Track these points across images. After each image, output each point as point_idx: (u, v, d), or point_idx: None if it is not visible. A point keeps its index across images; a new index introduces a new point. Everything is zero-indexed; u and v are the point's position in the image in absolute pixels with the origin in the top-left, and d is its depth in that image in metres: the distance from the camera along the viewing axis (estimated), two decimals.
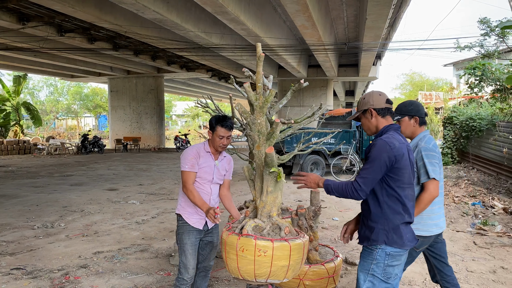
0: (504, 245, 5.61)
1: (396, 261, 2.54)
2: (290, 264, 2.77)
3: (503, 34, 10.80)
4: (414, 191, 2.62)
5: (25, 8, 12.17)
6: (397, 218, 2.51)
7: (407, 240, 2.54)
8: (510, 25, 5.72)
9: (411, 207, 2.57)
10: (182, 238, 3.29)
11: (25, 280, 4.41)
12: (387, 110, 2.65)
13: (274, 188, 2.98)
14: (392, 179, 2.50)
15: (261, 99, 3.03)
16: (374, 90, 2.80)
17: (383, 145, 2.47)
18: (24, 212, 7.72)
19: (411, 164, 2.57)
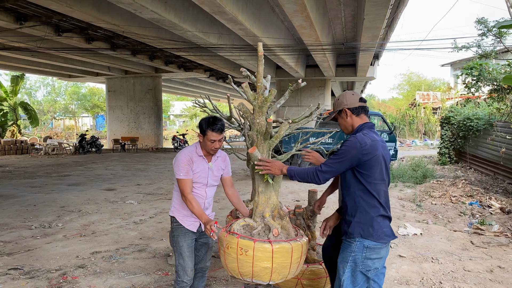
0: (501, 245, 5.63)
1: (375, 254, 2.59)
2: (274, 267, 2.76)
3: (500, 34, 10.82)
4: (386, 187, 2.68)
5: (22, 7, 12.14)
6: (372, 211, 2.59)
7: (384, 234, 2.59)
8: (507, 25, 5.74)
9: (385, 202, 2.64)
10: (178, 241, 3.24)
11: (23, 280, 4.40)
12: (361, 109, 2.74)
13: (265, 188, 2.98)
14: (364, 175, 2.59)
15: (260, 99, 3.03)
16: (347, 91, 2.88)
17: (354, 143, 2.57)
18: (21, 212, 7.70)
19: (384, 161, 2.64)
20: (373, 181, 2.59)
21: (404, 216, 7.35)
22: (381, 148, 2.62)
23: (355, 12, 14.30)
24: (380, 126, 14.56)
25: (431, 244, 5.62)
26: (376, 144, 2.60)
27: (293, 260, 2.79)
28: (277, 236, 2.86)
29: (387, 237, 2.61)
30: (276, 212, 3.01)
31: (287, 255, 2.76)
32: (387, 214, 2.65)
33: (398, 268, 4.71)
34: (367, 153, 2.56)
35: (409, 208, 8.06)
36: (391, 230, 2.66)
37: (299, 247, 2.82)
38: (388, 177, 2.70)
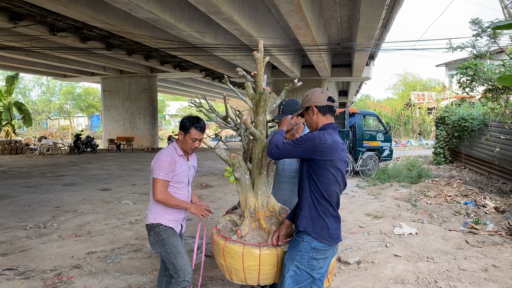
0: (496, 244, 5.66)
1: (321, 255, 2.61)
2: (226, 265, 2.80)
3: (494, 34, 10.88)
4: (339, 190, 2.66)
5: (17, 7, 12.07)
6: (320, 209, 2.59)
7: (329, 236, 2.59)
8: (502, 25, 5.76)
9: (336, 203, 2.63)
10: (170, 241, 3.17)
11: (18, 280, 4.38)
12: (328, 108, 2.72)
13: (241, 189, 2.95)
14: (317, 173, 2.59)
15: (259, 98, 3.00)
16: (318, 88, 2.84)
17: (315, 137, 2.58)
18: (16, 213, 7.66)
19: (340, 165, 2.63)
20: (326, 180, 2.58)
21: (400, 215, 7.38)
22: (340, 151, 2.62)
23: (350, 12, 14.33)
24: (375, 126, 14.61)
25: (426, 244, 5.64)
26: (336, 146, 2.60)
27: (245, 265, 2.71)
28: (245, 238, 2.79)
29: (333, 239, 2.61)
30: (262, 214, 2.91)
31: (237, 257, 2.73)
32: (337, 215, 2.65)
33: (394, 267, 4.73)
34: (324, 152, 2.55)
35: (405, 207, 8.09)
36: (338, 233, 2.66)
37: (253, 254, 2.70)
38: (343, 181, 2.69)
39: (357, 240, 5.86)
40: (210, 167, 15.49)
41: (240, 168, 2.90)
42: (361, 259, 5.01)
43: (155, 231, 3.19)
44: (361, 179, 12.22)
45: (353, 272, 4.64)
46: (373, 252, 5.26)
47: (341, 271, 4.65)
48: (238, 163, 2.91)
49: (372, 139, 13.51)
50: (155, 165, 3.15)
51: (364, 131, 13.35)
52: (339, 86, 36.53)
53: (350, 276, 4.51)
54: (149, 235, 3.26)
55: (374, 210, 7.84)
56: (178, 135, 3.25)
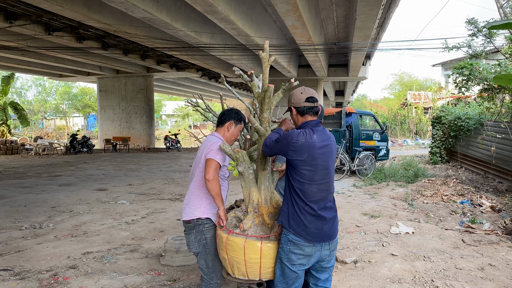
0: (492, 243, 5.68)
1: (298, 249, 2.62)
2: (228, 258, 2.86)
3: (490, 34, 10.92)
4: (320, 189, 2.65)
5: (12, 6, 12.01)
6: (296, 206, 2.62)
7: (306, 233, 2.59)
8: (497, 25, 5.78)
9: (315, 202, 2.62)
10: (213, 242, 3.08)
11: (13, 281, 4.35)
12: (306, 109, 2.73)
13: (244, 184, 2.97)
14: (292, 171, 2.65)
15: (264, 96, 3.01)
16: (299, 88, 2.84)
17: (289, 135, 2.64)
18: (11, 213, 7.62)
19: (321, 163, 2.63)
20: (300, 179, 2.61)
21: (396, 215, 7.39)
22: (316, 150, 2.60)
23: (347, 12, 14.35)
24: (372, 126, 14.63)
25: (423, 243, 5.65)
26: (309, 146, 2.59)
27: (247, 258, 2.76)
28: (247, 232, 2.83)
29: (312, 237, 2.60)
30: (265, 209, 2.93)
31: (239, 250, 2.78)
32: (317, 214, 2.62)
33: (391, 266, 4.73)
34: (294, 151, 2.59)
35: (401, 207, 8.11)
36: (320, 233, 2.62)
37: (254, 246, 2.74)
38: (326, 178, 2.67)
39: (354, 240, 5.87)
40: None
41: (243, 163, 2.92)
42: (358, 258, 5.01)
43: (199, 229, 3.06)
44: (357, 179, 12.23)
45: (350, 271, 4.64)
46: (370, 252, 5.26)
47: (338, 271, 4.65)
48: (242, 158, 2.93)
49: (369, 139, 13.53)
50: (213, 150, 3.01)
51: (360, 131, 13.37)
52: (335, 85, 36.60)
53: (347, 275, 4.51)
54: (189, 233, 3.10)
55: (371, 210, 7.85)
56: (227, 127, 3.19)
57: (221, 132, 3.21)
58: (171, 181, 11.74)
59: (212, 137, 3.17)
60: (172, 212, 7.72)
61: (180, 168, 14.89)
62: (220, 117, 3.26)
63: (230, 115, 3.21)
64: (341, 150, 12.33)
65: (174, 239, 5.02)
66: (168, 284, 4.27)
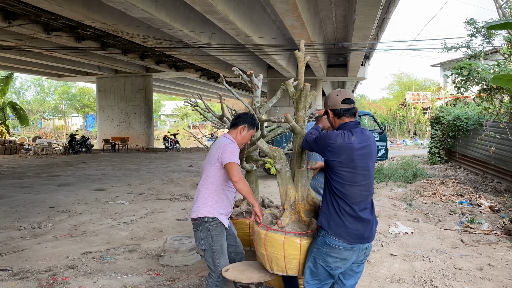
0: (491, 243, 5.68)
1: (335, 253, 2.60)
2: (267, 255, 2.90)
3: (489, 35, 10.92)
4: (362, 190, 2.63)
5: (11, 6, 11.98)
6: (336, 207, 2.61)
7: (347, 234, 2.57)
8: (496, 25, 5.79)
9: (357, 203, 2.60)
10: (218, 240, 3.18)
11: (12, 281, 4.34)
12: (343, 111, 2.73)
13: (281, 181, 3.01)
14: (332, 173, 2.64)
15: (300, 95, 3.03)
16: (334, 90, 2.86)
17: (327, 135, 2.66)
18: (10, 213, 7.60)
19: (360, 165, 2.61)
20: (340, 180, 2.60)
21: (395, 215, 7.39)
22: (355, 151, 2.60)
23: (346, 12, 14.35)
24: (371, 126, 14.65)
25: (422, 243, 5.65)
26: (347, 147, 2.59)
27: (286, 254, 2.80)
28: (285, 228, 2.88)
29: (352, 238, 2.58)
30: (302, 206, 2.97)
31: (278, 246, 2.81)
32: (358, 216, 2.61)
33: (390, 266, 4.73)
34: (332, 152, 2.60)
35: (400, 207, 8.11)
36: (362, 233, 2.61)
37: (294, 243, 2.79)
38: (367, 179, 2.66)
39: None
40: None
41: (281, 160, 2.97)
42: None
43: (205, 226, 3.16)
44: None
45: None
46: None
47: None
48: (279, 156, 2.99)
49: None
50: (228, 151, 3.10)
51: None
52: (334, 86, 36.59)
53: None
54: (196, 230, 3.21)
55: None
56: (240, 130, 3.26)
57: (233, 134, 3.28)
58: (170, 181, 11.73)
59: (224, 139, 3.24)
60: (171, 212, 7.71)
61: (179, 168, 14.88)
62: (235, 119, 3.34)
63: (245, 119, 3.29)
64: None
65: (173, 239, 5.01)
66: (167, 284, 4.27)
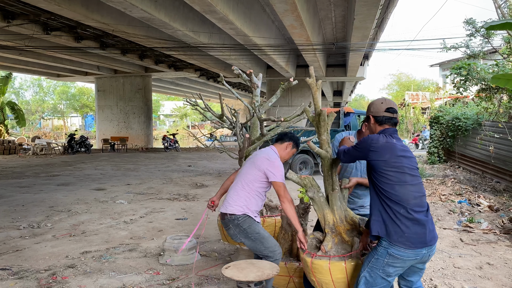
0: (490, 242, 5.70)
1: (399, 262, 2.53)
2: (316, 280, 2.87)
3: (488, 34, 10.93)
4: (412, 191, 2.56)
5: (10, 5, 11.97)
6: (391, 212, 2.53)
7: (406, 239, 2.47)
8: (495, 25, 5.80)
9: (410, 205, 2.51)
10: (253, 229, 3.28)
11: (11, 280, 4.34)
12: (385, 119, 2.74)
13: (317, 206, 3.01)
14: (378, 175, 2.59)
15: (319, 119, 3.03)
16: (380, 98, 2.87)
17: (367, 138, 2.69)
18: (9, 213, 7.60)
19: (404, 164, 2.58)
20: (388, 182, 2.55)
21: None
22: (398, 151, 2.60)
23: (345, 12, 14.36)
24: None
25: None
26: (390, 146, 2.59)
27: (334, 278, 2.76)
28: (329, 252, 2.88)
29: (413, 243, 2.47)
30: (342, 228, 2.96)
31: (325, 272, 2.78)
32: (414, 217, 2.50)
33: None
34: (375, 152, 2.59)
35: None
36: (422, 237, 2.50)
37: (339, 267, 2.75)
38: (416, 180, 2.61)
39: None
40: (205, 166, 15.45)
41: (312, 188, 2.99)
42: None
43: (234, 223, 3.26)
44: None
45: None
46: None
47: None
48: (309, 183, 3.00)
49: None
50: (278, 169, 3.26)
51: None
52: (333, 86, 36.60)
53: None
54: (228, 228, 3.31)
55: None
56: (286, 146, 3.44)
57: (279, 149, 3.45)
58: (169, 180, 11.72)
59: (272, 153, 3.39)
60: (171, 211, 7.71)
61: (178, 168, 14.88)
62: (281, 135, 3.53)
63: (291, 138, 3.48)
64: None
65: (172, 238, 5.01)
66: (167, 283, 4.27)
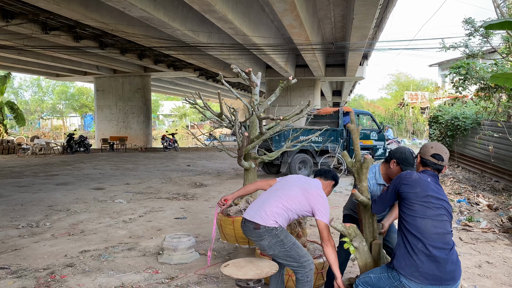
0: (489, 241, 5.70)
1: None
2: None
3: (487, 34, 10.94)
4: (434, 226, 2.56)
5: (8, 5, 11.96)
6: (408, 246, 2.58)
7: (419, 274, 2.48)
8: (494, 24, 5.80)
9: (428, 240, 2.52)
10: (289, 240, 3.22)
11: (10, 279, 4.33)
12: (429, 162, 2.81)
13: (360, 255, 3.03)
14: (403, 206, 2.68)
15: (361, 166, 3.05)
16: (433, 142, 2.93)
17: (401, 174, 2.83)
18: (8, 212, 7.58)
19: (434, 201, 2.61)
20: (412, 214, 2.60)
21: None
22: (430, 190, 2.64)
23: (344, 12, 14.36)
24: (369, 125, 14.66)
25: None
26: (423, 183, 2.66)
27: None
28: None
29: (427, 280, 2.46)
30: None
31: None
32: (431, 254, 2.48)
33: None
34: (407, 185, 2.67)
35: None
36: (435, 275, 2.46)
37: None
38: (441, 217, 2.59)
39: None
40: (205, 166, 15.45)
41: (357, 237, 3.00)
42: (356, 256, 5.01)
43: (272, 234, 3.17)
44: None
45: (348, 268, 4.64)
46: None
47: None
48: (354, 233, 3.00)
49: (366, 138, 13.55)
50: (325, 210, 3.21)
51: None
52: (333, 86, 36.63)
53: (346, 273, 4.51)
54: (260, 239, 3.18)
55: None
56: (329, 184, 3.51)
57: (323, 186, 3.44)
58: (168, 180, 11.72)
59: (318, 183, 3.40)
60: (170, 211, 7.71)
61: (178, 168, 14.87)
62: (326, 172, 3.54)
63: (334, 177, 3.52)
64: (339, 150, 12.35)
65: (171, 237, 5.01)
66: (165, 282, 4.26)
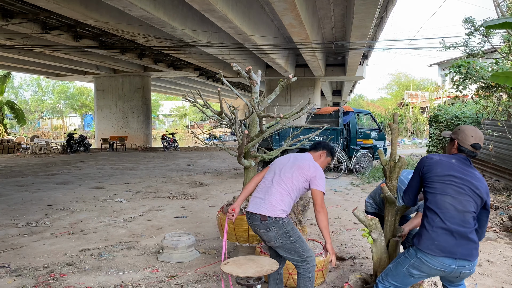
0: (490, 239, 5.69)
1: (423, 268, 2.60)
2: None
3: (487, 33, 10.92)
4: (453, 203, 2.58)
5: (8, 4, 11.96)
6: (426, 220, 2.63)
7: (437, 247, 2.53)
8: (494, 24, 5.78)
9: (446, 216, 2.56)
10: (295, 232, 3.22)
11: (9, 278, 4.33)
12: (466, 151, 2.75)
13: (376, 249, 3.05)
14: (425, 186, 2.71)
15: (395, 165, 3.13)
16: (473, 128, 2.80)
17: (423, 158, 2.81)
18: (7, 211, 7.58)
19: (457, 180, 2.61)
20: (432, 191, 2.63)
21: None
22: (453, 170, 2.64)
23: (344, 11, 14.36)
24: (369, 125, 14.66)
25: None
26: (446, 164, 2.66)
27: None
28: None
29: (442, 251, 2.51)
30: None
31: None
32: (448, 228, 2.53)
33: None
34: (428, 166, 2.70)
35: None
36: (450, 247, 2.52)
37: None
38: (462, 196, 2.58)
39: (352, 237, 5.87)
40: (205, 165, 15.45)
41: (377, 230, 3.02)
42: (356, 255, 5.02)
43: (278, 224, 3.16)
44: (355, 177, 12.24)
45: (348, 267, 4.64)
46: (367, 248, 5.26)
47: (336, 267, 4.64)
48: (374, 225, 3.02)
49: (366, 137, 13.54)
50: (322, 179, 3.24)
51: (358, 129, 13.36)
52: (333, 85, 36.64)
53: (345, 272, 4.51)
54: (267, 230, 3.17)
55: None
56: (320, 155, 3.46)
57: (314, 156, 3.45)
58: (168, 179, 11.71)
59: (311, 157, 3.40)
60: (170, 210, 7.70)
61: (178, 167, 14.86)
62: (316, 144, 3.55)
63: (325, 146, 3.50)
64: (339, 149, 12.34)
65: (171, 236, 5.00)
66: (165, 281, 4.26)
